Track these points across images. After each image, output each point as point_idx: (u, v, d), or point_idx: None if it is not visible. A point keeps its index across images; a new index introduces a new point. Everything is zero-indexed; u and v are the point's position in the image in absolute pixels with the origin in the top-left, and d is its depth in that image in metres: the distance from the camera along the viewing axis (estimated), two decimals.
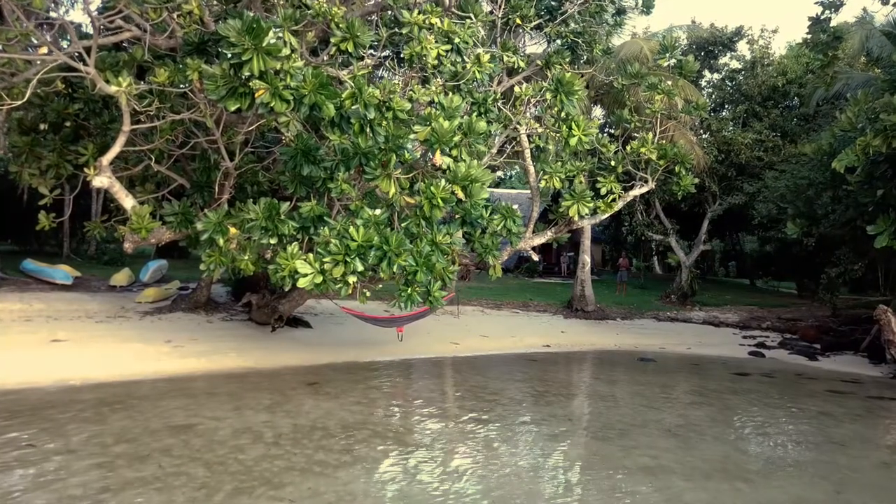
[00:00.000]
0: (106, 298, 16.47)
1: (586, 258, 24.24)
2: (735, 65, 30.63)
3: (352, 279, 8.87)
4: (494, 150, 12.31)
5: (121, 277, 18.51)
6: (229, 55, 7.65)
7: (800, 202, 17.15)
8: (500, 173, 52.00)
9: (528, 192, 31.93)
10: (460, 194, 9.23)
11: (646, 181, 14.50)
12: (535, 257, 14.56)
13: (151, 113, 9.56)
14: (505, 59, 12.61)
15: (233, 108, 8.02)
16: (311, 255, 8.95)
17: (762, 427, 9.77)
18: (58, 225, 12.11)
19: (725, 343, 19.63)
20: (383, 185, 9.02)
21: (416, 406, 10.14)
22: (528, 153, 13.33)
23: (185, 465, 6.77)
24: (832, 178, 15.79)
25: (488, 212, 11.58)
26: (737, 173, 26.76)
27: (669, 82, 13.72)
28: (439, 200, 8.98)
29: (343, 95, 8.31)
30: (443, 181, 9.09)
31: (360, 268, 8.73)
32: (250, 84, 7.73)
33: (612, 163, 13.56)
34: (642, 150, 13.31)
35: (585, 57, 16.65)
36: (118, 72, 9.39)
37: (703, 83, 31.03)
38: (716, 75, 30.96)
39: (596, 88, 21.76)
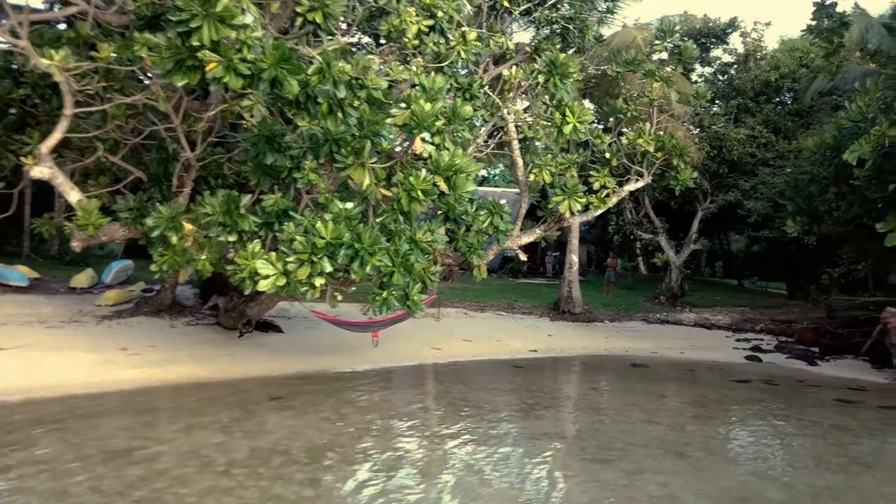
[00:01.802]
0: (63, 301, 15.29)
1: (574, 258, 23.32)
2: (727, 58, 29.92)
3: (319, 281, 7.85)
4: (481, 140, 11.30)
5: (82, 279, 17.32)
6: (176, 21, 6.60)
7: (800, 199, 16.32)
8: (483, 172, 51.17)
9: (514, 190, 31.07)
10: (443, 186, 8.23)
11: (641, 175, 13.59)
12: (523, 257, 13.58)
13: (91, 92, 8.47)
14: (492, 43, 11.64)
15: (180, 83, 6.95)
16: (273, 255, 7.92)
17: (776, 444, 8.86)
18: (14, 223, 11.00)
19: (719, 347, 18.79)
20: (356, 175, 8.00)
21: (392, 424, 9.10)
22: (515, 144, 12.35)
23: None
24: (836, 172, 14.98)
25: (474, 207, 10.60)
26: (729, 170, 26.00)
27: (669, 68, 12.84)
28: (419, 193, 7.97)
29: (309, 71, 7.27)
30: (423, 171, 8.08)
31: (328, 268, 7.71)
32: (199, 56, 6.67)
33: (607, 155, 12.64)
34: (639, 141, 12.40)
35: (576, 46, 15.69)
36: (59, 48, 8.29)
37: (695, 77, 30.25)
38: (707, 69, 30.19)
39: (585, 80, 20.82)
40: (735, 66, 28.71)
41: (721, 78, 29.42)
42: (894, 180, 12.72)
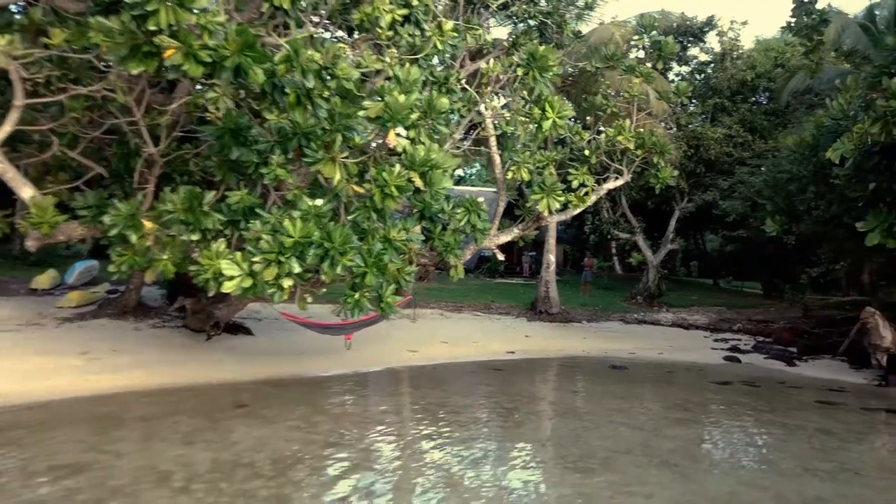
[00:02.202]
0: (22, 303, 14.66)
1: (551, 258, 23.03)
2: (704, 57, 29.84)
3: (287, 283, 7.41)
4: (458, 136, 10.91)
5: (43, 280, 16.66)
6: (130, 4, 6.13)
7: (779, 198, 16.15)
8: (459, 171, 50.72)
9: (490, 189, 30.72)
10: (418, 182, 7.83)
11: (621, 173, 13.31)
12: (501, 257, 13.23)
13: (42, 82, 7.95)
14: (469, 37, 11.25)
15: (136, 71, 6.48)
16: (239, 255, 7.47)
17: (762, 450, 8.57)
18: None
19: (698, 347, 18.58)
20: (326, 171, 7.56)
21: (366, 433, 8.66)
22: (493, 141, 11.99)
23: None
24: (815, 171, 14.83)
25: (450, 205, 10.23)
26: (706, 169, 25.89)
27: (649, 64, 12.57)
28: (393, 189, 7.56)
29: (276, 59, 6.82)
30: (397, 166, 7.67)
31: (296, 269, 7.27)
32: (156, 41, 6.21)
33: (586, 152, 12.33)
34: (619, 138, 12.09)
35: (554, 42, 15.36)
36: (8, 34, 7.76)
37: (672, 76, 30.14)
38: (685, 68, 30.09)
39: (563, 78, 20.53)
40: (712, 65, 28.64)
41: (698, 77, 29.34)
42: (874, 179, 12.56)
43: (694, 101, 29.27)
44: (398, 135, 7.95)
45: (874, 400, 12.54)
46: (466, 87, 10.37)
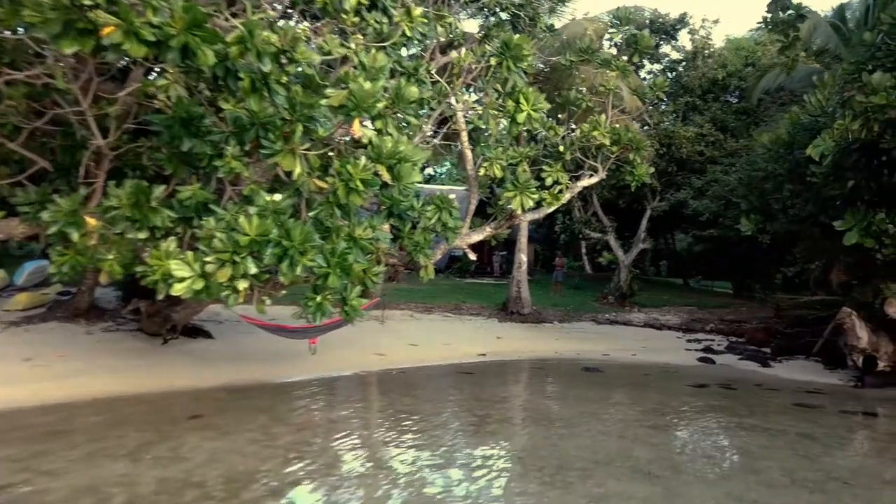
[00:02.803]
0: None
1: (523, 257, 22.65)
2: (676, 56, 29.70)
3: (242, 284, 6.84)
4: (428, 130, 10.41)
5: None
6: None
7: (753, 196, 15.90)
8: (430, 170, 50.05)
9: (461, 188, 30.22)
10: (385, 176, 7.30)
11: (596, 170, 12.94)
12: (473, 256, 12.74)
13: None
14: (439, 27, 10.75)
15: (69, 50, 5.85)
16: (190, 254, 6.87)
17: (746, 459, 8.18)
18: None
19: (671, 348, 18.30)
20: (285, 163, 7.00)
21: (330, 444, 8.09)
22: (464, 136, 11.51)
23: None
24: (791, 169, 14.60)
25: (420, 202, 9.73)
26: (677, 168, 25.70)
27: (625, 57, 12.18)
28: (358, 183, 7.02)
29: (228, 39, 6.24)
30: (363, 159, 7.14)
31: (252, 269, 6.70)
32: (91, 17, 5.59)
33: (561, 148, 11.92)
34: (594, 133, 11.70)
35: (527, 35, 14.92)
36: None
37: (644, 73, 29.97)
38: (657, 66, 29.91)
39: (534, 74, 20.10)
40: (683, 63, 28.50)
41: (669, 75, 29.19)
42: (853, 176, 12.33)
43: (664, 100, 29.08)
44: (364, 125, 7.44)
45: (851, 402, 12.30)
46: (437, 77, 9.87)
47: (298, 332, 11.70)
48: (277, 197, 7.00)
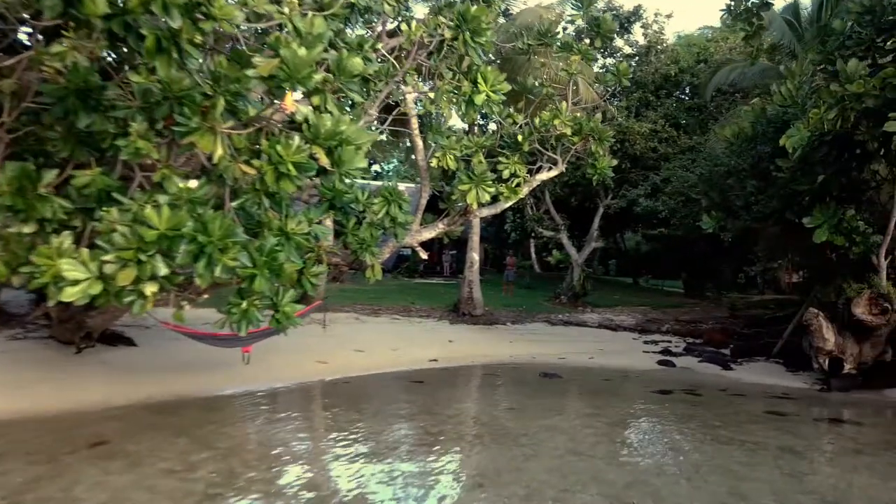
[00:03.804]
0: None
1: (475, 256, 21.75)
2: (628, 50, 29.20)
3: (150, 288, 5.65)
4: (374, 115, 9.32)
5: None
6: None
7: (714, 193, 15.28)
8: (376, 167, 48.70)
9: (410, 185, 29.15)
10: (323, 160, 6.19)
11: (555, 163, 12.06)
12: (424, 255, 11.72)
13: None
14: (386, 6, 9.67)
15: None
16: (85, 252, 5.67)
17: (731, 480, 7.29)
18: None
19: (628, 350, 17.62)
20: (203, 143, 5.84)
21: (260, 475, 6.93)
22: (415, 122, 10.48)
23: None
24: (753, 164, 14.01)
25: (365, 195, 8.67)
26: (630, 165, 25.14)
27: (588, 40, 11.35)
28: (290, 167, 5.90)
29: None
30: (296, 138, 6.03)
31: (162, 270, 5.53)
32: None
33: (520, 138, 11.00)
34: (555, 122, 10.81)
35: None
36: None
37: (597, 68, 29.40)
38: (609, 60, 29.35)
39: (486, 63, 19.19)
40: (636, 58, 28.03)
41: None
42: (822, 171, 11.75)
43: (618, 95, 28.55)
44: (297, 100, 6.34)
45: (822, 408, 11.73)
46: (385, 54, 8.81)
47: (229, 339, 10.44)
48: (193, 183, 5.86)
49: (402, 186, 11.86)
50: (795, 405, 11.61)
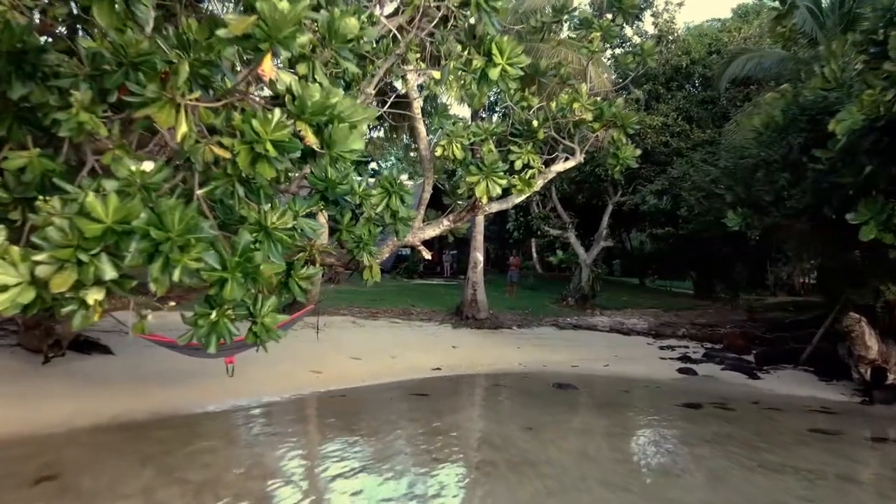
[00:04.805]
0: None
1: (479, 256, 20.63)
2: (638, 40, 28.08)
3: (94, 295, 4.49)
4: (371, 91, 8.18)
5: None
6: None
7: (739, 187, 14.17)
8: (373, 165, 47.50)
9: (410, 182, 28.02)
10: (311, 139, 5.03)
11: (572, 153, 10.95)
12: (427, 255, 10.60)
13: None
14: None
15: None
16: (15, 251, 4.54)
17: None
18: None
19: (645, 357, 16.53)
20: (162, 117, 4.70)
21: None
22: (418, 106, 9.38)
23: None
24: (785, 155, 12.89)
25: (361, 186, 7.57)
26: (642, 161, 24.03)
27: (609, 15, 10.24)
28: (269, 146, 4.77)
29: None
30: (277, 112, 4.91)
31: (109, 273, 4.39)
32: None
33: (535, 124, 9.89)
34: (575, 106, 9.70)
35: None
36: None
37: (605, 59, 28.29)
38: (619, 50, 28.19)
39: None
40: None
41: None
42: (868, 162, 10.62)
43: (626, 89, 27.42)
44: (279, 68, 5.23)
45: (871, 424, 10.61)
46: (384, 20, 7.69)
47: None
48: (148, 166, 4.73)
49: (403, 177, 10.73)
50: (840, 421, 10.49)
